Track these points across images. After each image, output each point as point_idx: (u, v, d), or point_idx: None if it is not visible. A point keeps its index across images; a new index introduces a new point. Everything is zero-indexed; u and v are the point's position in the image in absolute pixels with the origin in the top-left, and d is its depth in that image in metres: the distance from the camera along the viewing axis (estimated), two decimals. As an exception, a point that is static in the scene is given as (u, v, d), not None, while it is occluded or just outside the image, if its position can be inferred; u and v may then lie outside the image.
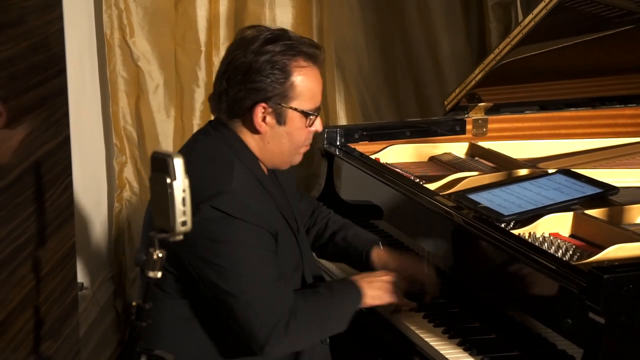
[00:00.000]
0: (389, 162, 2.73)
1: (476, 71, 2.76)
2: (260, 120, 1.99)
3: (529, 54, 2.73)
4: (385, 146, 2.80)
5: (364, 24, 3.81)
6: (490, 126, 2.93)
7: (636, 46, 2.81)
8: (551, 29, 2.66)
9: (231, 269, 1.91)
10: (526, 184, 2.34)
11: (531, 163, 2.63)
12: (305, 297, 2.02)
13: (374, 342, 2.23)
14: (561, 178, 2.35)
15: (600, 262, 1.89)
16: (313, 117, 2.02)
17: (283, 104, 1.98)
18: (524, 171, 2.51)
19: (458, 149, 2.82)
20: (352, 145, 2.79)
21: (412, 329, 2.10)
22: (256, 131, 2.01)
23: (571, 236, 2.16)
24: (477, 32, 3.87)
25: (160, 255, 1.57)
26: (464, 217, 2.18)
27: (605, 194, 2.28)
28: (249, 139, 2.03)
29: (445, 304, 2.19)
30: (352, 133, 2.83)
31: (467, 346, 2.00)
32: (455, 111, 2.92)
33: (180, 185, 1.53)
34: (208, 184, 1.95)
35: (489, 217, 2.16)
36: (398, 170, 2.61)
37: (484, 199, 2.25)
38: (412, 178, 2.53)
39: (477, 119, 2.92)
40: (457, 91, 2.85)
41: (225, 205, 1.92)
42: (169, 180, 1.52)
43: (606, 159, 2.69)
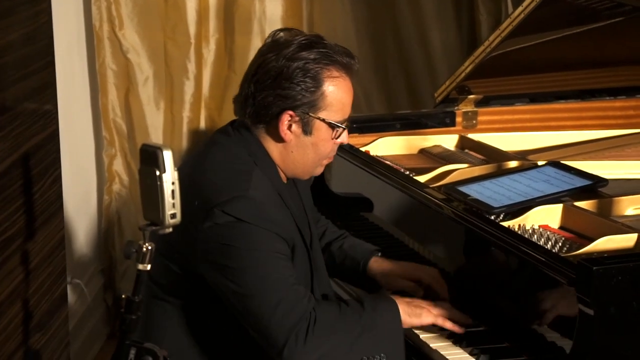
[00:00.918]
0: (379, 154, 2.73)
1: (466, 63, 2.76)
2: (285, 128, 1.92)
3: (518, 46, 2.73)
4: (375, 138, 2.79)
5: (354, 17, 3.81)
6: (480, 118, 2.93)
7: (625, 38, 2.81)
8: (541, 22, 2.66)
9: (246, 271, 1.84)
10: (516, 176, 2.34)
11: (521, 155, 2.63)
12: (330, 304, 1.93)
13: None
14: (551, 170, 2.36)
15: (589, 254, 1.90)
16: (340, 130, 1.97)
17: (311, 114, 1.91)
18: (513, 163, 2.51)
19: (448, 141, 2.82)
20: (342, 138, 2.79)
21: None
22: (280, 139, 1.94)
23: (561, 228, 2.16)
24: (468, 24, 3.87)
25: (150, 247, 1.57)
26: (454, 209, 2.19)
27: (594, 186, 2.28)
28: (272, 146, 1.96)
29: (435, 295, 2.19)
30: (342, 125, 2.83)
31: (457, 338, 2.00)
32: (445, 103, 2.92)
33: (169, 178, 1.53)
34: (224, 187, 1.89)
35: (479, 209, 2.16)
36: (388, 162, 2.61)
37: (473, 191, 2.26)
38: (402, 170, 2.53)
39: (467, 111, 2.92)
40: (447, 83, 2.85)
41: (239, 210, 1.85)
42: (158, 173, 1.52)
43: (595, 151, 2.69)
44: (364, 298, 1.97)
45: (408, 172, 2.51)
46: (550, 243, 2.06)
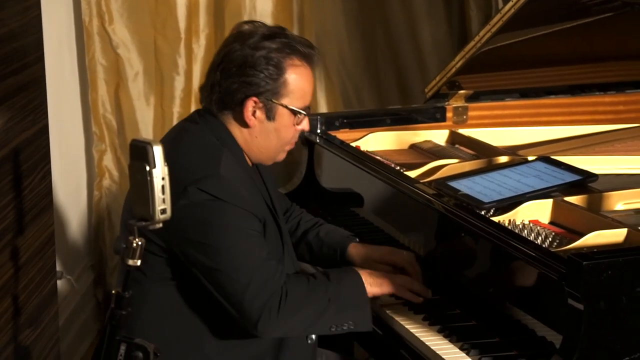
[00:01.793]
0: (369, 149, 2.73)
1: (456, 59, 2.76)
2: (250, 114, 2.00)
3: (509, 42, 2.73)
4: (365, 134, 2.79)
5: (344, 12, 3.80)
6: (470, 114, 2.93)
7: (615, 34, 2.82)
8: (531, 17, 2.66)
9: (220, 247, 1.91)
10: (506, 171, 2.35)
11: (511, 150, 2.64)
12: (299, 278, 2.01)
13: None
14: (541, 165, 2.36)
15: (579, 249, 1.90)
16: (302, 116, 2.05)
17: (274, 100, 2.00)
18: (504, 158, 2.51)
19: (438, 136, 2.82)
20: (333, 133, 2.79)
21: (392, 316, 2.10)
22: (245, 125, 2.02)
23: (551, 223, 2.17)
24: (458, 19, 3.88)
25: (140, 243, 1.56)
26: (444, 204, 2.19)
27: (584, 181, 2.29)
28: (237, 131, 2.04)
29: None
30: (332, 121, 2.83)
31: (447, 333, 2.00)
32: (436, 99, 2.92)
33: (159, 174, 1.52)
34: (196, 167, 1.96)
35: (469, 204, 2.17)
36: (379, 158, 2.61)
37: (464, 186, 2.26)
38: (393, 166, 2.53)
39: (458, 107, 2.92)
40: (438, 79, 2.85)
41: (213, 188, 1.93)
42: (148, 168, 1.52)
43: (585, 146, 2.70)
44: (329, 271, 2.06)
45: (399, 168, 2.51)
46: (540, 238, 2.06)
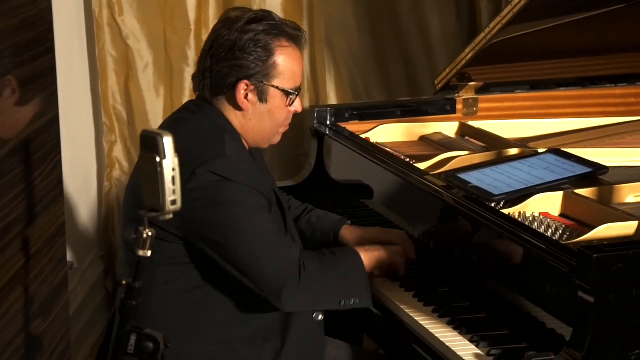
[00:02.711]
0: (379, 141, 2.73)
1: (466, 50, 2.75)
2: (242, 97, 2.04)
3: (519, 33, 2.72)
4: (375, 125, 2.79)
5: (354, 3, 3.79)
6: (480, 105, 2.93)
7: (627, 26, 2.81)
8: (541, 8, 2.66)
9: (234, 225, 1.94)
10: (516, 163, 2.34)
11: (521, 142, 2.63)
12: (310, 252, 2.05)
13: (362, 319, 2.24)
14: (551, 157, 2.36)
15: (589, 242, 1.90)
16: (293, 97, 2.07)
17: (265, 82, 2.03)
18: (514, 151, 2.51)
19: (448, 128, 2.82)
20: (343, 125, 2.79)
21: (401, 307, 2.10)
22: (239, 108, 2.05)
23: (561, 215, 2.17)
24: (468, 11, 3.86)
25: (150, 234, 1.57)
26: (454, 196, 2.19)
27: (595, 174, 2.28)
28: (232, 116, 2.07)
29: (435, 282, 2.20)
30: (342, 112, 2.83)
31: (457, 325, 2.00)
32: (446, 90, 2.92)
33: (170, 165, 1.53)
34: (201, 151, 1.99)
35: (479, 196, 2.16)
36: (388, 149, 2.61)
37: (474, 178, 2.26)
38: (403, 157, 2.53)
39: (468, 99, 2.92)
40: (448, 70, 2.85)
41: (220, 168, 1.95)
42: (158, 159, 1.52)
43: (596, 138, 2.69)
44: (334, 249, 2.11)
45: (408, 159, 2.51)
46: (550, 231, 2.06)
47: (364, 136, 2.72)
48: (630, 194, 2.21)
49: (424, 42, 3.83)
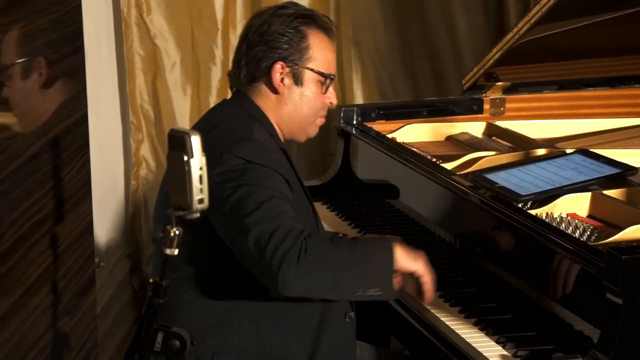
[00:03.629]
0: (405, 141, 2.72)
1: (494, 50, 2.74)
2: (278, 80, 2.04)
3: (547, 33, 2.70)
4: (402, 125, 2.79)
5: (381, 2, 3.79)
6: (508, 105, 2.91)
7: (657, 25, 2.78)
8: (570, 7, 2.64)
9: (246, 205, 1.90)
10: (544, 163, 2.33)
11: (549, 143, 2.62)
12: (323, 235, 2.02)
13: (389, 319, 2.23)
14: (579, 158, 2.34)
15: (618, 243, 1.88)
16: (329, 81, 2.08)
17: (299, 64, 2.04)
18: (541, 151, 2.49)
19: (475, 128, 2.81)
20: (369, 124, 2.78)
21: (428, 308, 2.10)
22: (275, 91, 2.06)
23: (589, 216, 2.15)
24: (496, 10, 3.84)
25: (178, 232, 1.57)
26: (480, 197, 2.18)
27: (623, 174, 2.26)
28: (268, 103, 2.07)
29: (461, 283, 2.19)
30: (368, 112, 2.83)
31: (483, 326, 1.99)
32: (473, 90, 2.90)
33: (197, 163, 1.53)
34: (229, 135, 2.00)
35: (506, 197, 2.15)
36: (415, 149, 2.60)
37: (501, 178, 2.24)
38: (429, 157, 2.52)
39: (495, 99, 2.91)
40: (475, 70, 2.83)
41: (247, 152, 1.95)
42: (186, 158, 1.52)
43: (625, 139, 2.67)
44: (361, 238, 2.08)
45: (435, 159, 2.50)
46: (578, 232, 2.05)
47: (390, 136, 2.71)
48: (660, 195, 2.19)
49: (451, 41, 3.81)
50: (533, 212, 2.11)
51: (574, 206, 2.15)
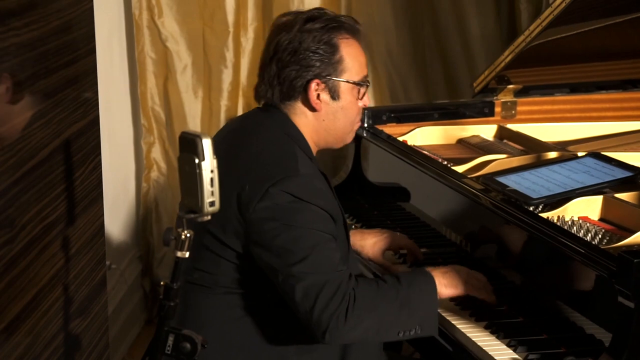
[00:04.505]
0: (416, 144, 2.72)
1: (506, 53, 2.74)
2: (315, 97, 2.00)
3: (559, 36, 2.70)
4: (413, 128, 2.79)
5: (392, 5, 3.79)
6: (519, 108, 2.91)
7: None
8: (583, 10, 2.63)
9: (296, 251, 1.88)
10: (555, 167, 2.33)
11: (561, 146, 2.61)
12: (368, 283, 1.95)
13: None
14: (591, 161, 2.33)
15: (630, 246, 1.88)
16: (364, 88, 2.05)
17: (334, 78, 2.00)
18: (553, 154, 2.49)
19: (486, 131, 2.80)
20: (380, 127, 2.78)
21: (439, 311, 2.09)
22: (312, 109, 2.01)
23: (600, 220, 2.14)
24: (507, 13, 3.84)
25: (189, 235, 1.58)
26: (492, 199, 2.17)
27: (635, 178, 2.26)
28: (304, 120, 2.02)
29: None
30: (380, 115, 2.83)
31: (494, 329, 1.99)
32: (484, 93, 2.90)
33: (208, 166, 1.53)
34: (275, 168, 1.93)
35: (518, 200, 2.15)
36: (426, 152, 2.60)
37: (512, 181, 2.24)
38: (440, 160, 2.52)
39: (506, 101, 2.90)
40: (486, 73, 2.83)
41: (296, 188, 1.90)
42: (197, 161, 1.53)
43: (637, 142, 2.66)
44: (400, 274, 2.00)
45: (446, 162, 2.50)
46: (590, 235, 2.04)
47: (401, 139, 2.71)
48: (672, 198, 2.18)
49: (462, 44, 3.81)
50: (544, 215, 2.10)
51: (585, 209, 2.15)
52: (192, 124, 3.67)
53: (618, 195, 2.16)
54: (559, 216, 2.12)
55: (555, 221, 2.10)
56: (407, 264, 2.31)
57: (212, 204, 1.55)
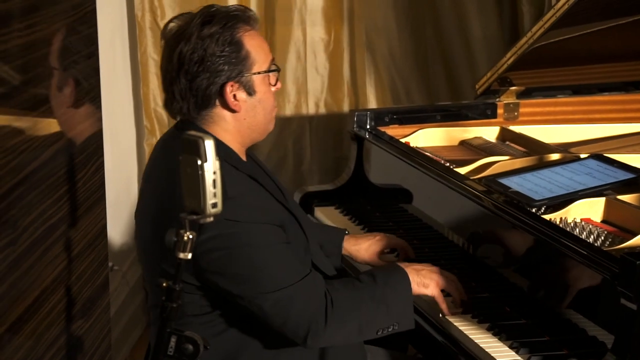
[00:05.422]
0: (419, 145, 2.72)
1: (508, 55, 2.74)
2: (232, 99, 1.95)
3: (562, 38, 2.70)
4: (415, 130, 2.79)
5: (394, 7, 3.79)
6: (521, 110, 2.91)
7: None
8: (585, 12, 2.63)
9: (252, 274, 1.87)
10: (558, 168, 2.33)
11: (563, 148, 2.61)
12: (344, 284, 1.97)
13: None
14: (593, 163, 2.33)
15: (632, 248, 1.88)
16: (275, 73, 2.01)
17: (246, 74, 1.96)
18: (555, 156, 2.49)
19: (489, 133, 2.80)
20: (382, 129, 2.79)
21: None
22: (232, 110, 1.97)
23: (603, 222, 2.14)
24: (509, 14, 3.84)
25: (191, 236, 1.58)
26: (494, 201, 2.17)
27: (638, 179, 2.26)
28: (224, 126, 1.98)
29: (474, 288, 2.19)
30: (382, 116, 2.83)
31: (497, 331, 1.99)
32: (487, 95, 2.90)
33: (211, 167, 1.53)
34: None
35: (520, 201, 2.15)
36: (428, 154, 2.60)
37: (514, 183, 2.24)
38: (442, 162, 2.52)
39: (509, 103, 2.90)
40: (489, 75, 2.83)
41: (230, 213, 1.83)
42: (200, 162, 1.53)
43: (639, 144, 2.66)
44: (375, 272, 2.02)
45: (448, 164, 2.50)
46: (592, 237, 2.04)
47: (403, 140, 2.71)
48: (675, 200, 2.18)
49: (465, 46, 3.81)
50: (547, 217, 2.10)
51: (588, 211, 2.15)
52: (194, 125, 3.67)
53: (620, 197, 2.16)
54: (561, 218, 2.12)
55: (558, 223, 2.10)
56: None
57: (214, 205, 1.55)
